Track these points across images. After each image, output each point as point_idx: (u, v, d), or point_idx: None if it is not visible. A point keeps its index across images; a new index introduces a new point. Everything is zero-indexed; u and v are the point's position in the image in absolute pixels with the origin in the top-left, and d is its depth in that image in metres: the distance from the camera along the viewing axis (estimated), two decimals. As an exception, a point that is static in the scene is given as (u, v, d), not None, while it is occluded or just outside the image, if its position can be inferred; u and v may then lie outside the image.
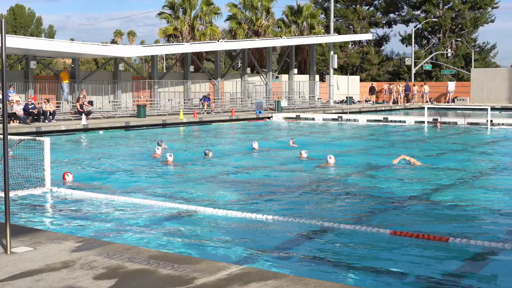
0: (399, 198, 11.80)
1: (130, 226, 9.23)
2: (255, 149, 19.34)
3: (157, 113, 34.52)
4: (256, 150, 19.22)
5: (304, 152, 17.19)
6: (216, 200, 11.48)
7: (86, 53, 33.30)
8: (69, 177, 13.34)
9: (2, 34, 6.26)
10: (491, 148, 21.34)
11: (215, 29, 49.01)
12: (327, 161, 15.63)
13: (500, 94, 49.81)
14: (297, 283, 5.36)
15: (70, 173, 13.54)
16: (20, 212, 10.08)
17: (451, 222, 9.72)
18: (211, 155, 17.33)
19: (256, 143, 19.80)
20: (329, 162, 15.58)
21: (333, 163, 15.58)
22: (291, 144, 20.23)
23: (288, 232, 8.89)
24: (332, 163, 15.58)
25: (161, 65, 65.55)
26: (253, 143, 19.79)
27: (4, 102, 6.99)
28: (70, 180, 13.20)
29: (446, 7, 66.33)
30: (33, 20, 79.92)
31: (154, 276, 5.59)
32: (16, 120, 26.45)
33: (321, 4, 68.47)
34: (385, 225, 9.10)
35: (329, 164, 15.55)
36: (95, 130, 26.62)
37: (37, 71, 41.59)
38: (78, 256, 6.22)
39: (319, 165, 15.89)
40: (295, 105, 42.99)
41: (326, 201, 11.75)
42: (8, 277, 5.56)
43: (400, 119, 32.32)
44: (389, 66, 72.22)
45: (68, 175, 13.40)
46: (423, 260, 7.61)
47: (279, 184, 13.24)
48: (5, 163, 6.57)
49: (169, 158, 16.00)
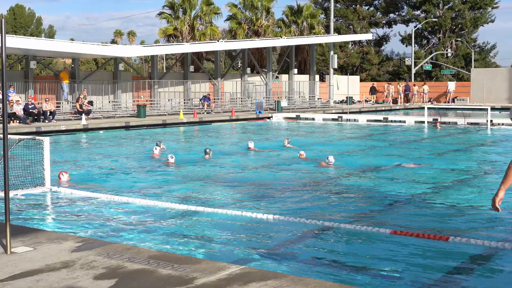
0: (399, 198, 11.80)
1: (130, 226, 9.23)
2: (251, 148, 19.31)
3: (157, 113, 34.52)
4: (251, 150, 19.17)
5: (302, 153, 17.17)
6: (216, 200, 11.47)
7: (86, 53, 33.30)
8: (64, 176, 13.19)
9: (2, 34, 6.26)
10: (491, 148, 21.34)
11: (215, 29, 49.01)
12: (328, 160, 15.62)
13: (500, 94, 49.81)
14: (297, 283, 5.36)
15: (65, 172, 13.41)
16: (20, 212, 10.08)
17: (451, 222, 9.72)
18: (211, 155, 17.33)
19: (252, 142, 19.75)
20: (329, 161, 15.57)
21: (333, 163, 15.58)
22: (286, 144, 20.16)
23: (288, 232, 8.88)
24: (332, 162, 15.58)
25: (161, 65, 65.55)
26: (249, 143, 19.73)
27: (4, 102, 6.98)
28: (65, 179, 13.09)
29: (446, 7, 66.34)
30: (33, 20, 79.93)
31: (154, 276, 5.59)
32: (16, 120, 26.45)
33: (321, 4, 68.48)
34: (385, 225, 9.10)
35: (329, 165, 15.54)
36: (95, 130, 26.62)
37: (37, 71, 41.59)
38: (78, 256, 6.22)
39: (319, 164, 15.90)
40: (295, 105, 42.99)
41: (326, 201, 11.75)
42: (8, 277, 5.56)
43: (400, 119, 32.32)
44: (389, 66, 72.23)
45: (63, 174, 13.26)
46: (423, 259, 7.61)
47: (279, 184, 13.24)
48: (5, 163, 6.56)
49: (171, 160, 15.95)
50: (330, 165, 15.50)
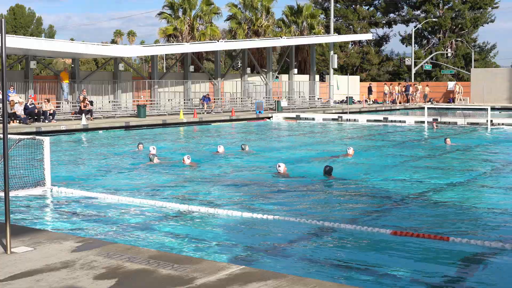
0: (399, 198, 11.79)
1: (130, 226, 9.22)
2: (219, 152, 18.11)
3: (157, 113, 34.52)
4: (220, 154, 18.02)
5: (282, 166, 14.33)
6: (216, 200, 11.47)
7: (86, 53, 33.29)
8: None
9: (2, 34, 6.25)
10: (490, 148, 21.33)
11: (215, 29, 48.99)
12: (348, 151, 15.83)
13: (500, 94, 49.83)
14: (297, 283, 5.35)
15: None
16: (20, 212, 10.07)
17: (451, 222, 9.72)
18: (247, 149, 17.94)
19: (221, 147, 18.48)
20: (349, 153, 15.64)
21: (352, 155, 16.17)
22: (247, 149, 18.59)
23: (288, 232, 8.88)
24: (351, 154, 16.14)
25: (161, 65, 65.52)
26: (218, 147, 18.43)
27: (4, 102, 6.98)
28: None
29: (446, 7, 66.34)
30: (33, 20, 79.94)
31: (154, 276, 5.58)
32: (16, 120, 26.45)
33: (321, 4, 68.46)
34: (385, 225, 9.10)
35: (280, 174, 14.09)
36: (95, 130, 26.62)
37: (37, 71, 41.60)
38: (78, 256, 6.22)
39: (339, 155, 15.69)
40: (295, 105, 42.98)
41: (326, 201, 11.74)
42: (8, 277, 5.56)
43: (400, 119, 32.33)
44: (389, 66, 72.23)
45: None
46: (423, 260, 7.61)
47: (279, 184, 13.23)
48: (5, 163, 6.56)
49: (187, 161, 15.62)
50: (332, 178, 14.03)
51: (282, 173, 13.96)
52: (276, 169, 14.11)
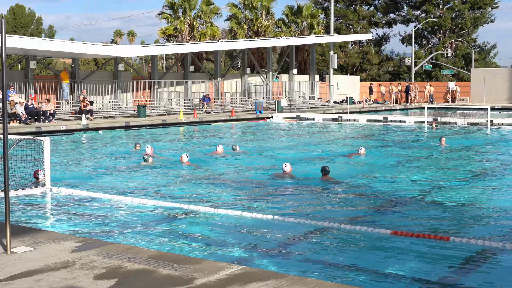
0: (399, 198, 11.79)
1: (130, 226, 9.22)
2: (218, 152, 17.92)
3: (157, 113, 34.51)
4: (219, 154, 17.85)
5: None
6: (216, 200, 11.47)
7: (86, 53, 33.29)
8: (41, 175, 12.07)
9: (2, 34, 6.25)
10: (490, 148, 21.33)
11: (215, 29, 48.99)
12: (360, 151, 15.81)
13: (500, 94, 49.83)
14: (297, 283, 5.35)
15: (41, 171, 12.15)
16: (20, 212, 10.07)
17: (451, 222, 9.72)
18: (238, 149, 17.86)
19: (220, 146, 18.30)
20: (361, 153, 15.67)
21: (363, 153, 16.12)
22: (238, 150, 18.47)
23: (288, 232, 8.87)
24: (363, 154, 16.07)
25: (161, 65, 65.52)
26: (218, 147, 18.20)
27: (4, 102, 6.98)
28: (43, 178, 11.96)
29: (446, 7, 66.34)
30: (33, 20, 79.94)
31: (154, 276, 5.58)
32: (16, 120, 26.46)
33: (321, 4, 68.46)
34: (385, 225, 9.10)
35: (286, 173, 13.95)
36: (95, 130, 26.62)
37: (37, 71, 41.59)
38: (78, 256, 6.22)
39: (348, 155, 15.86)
40: (295, 105, 42.98)
41: (326, 201, 11.75)
42: (8, 277, 5.56)
43: (400, 119, 32.34)
44: (389, 66, 72.22)
45: (39, 173, 12.19)
46: (423, 260, 7.60)
47: (279, 184, 13.23)
48: (5, 163, 6.56)
49: (185, 159, 15.93)
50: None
51: (288, 172, 13.87)
52: (282, 168, 13.99)
